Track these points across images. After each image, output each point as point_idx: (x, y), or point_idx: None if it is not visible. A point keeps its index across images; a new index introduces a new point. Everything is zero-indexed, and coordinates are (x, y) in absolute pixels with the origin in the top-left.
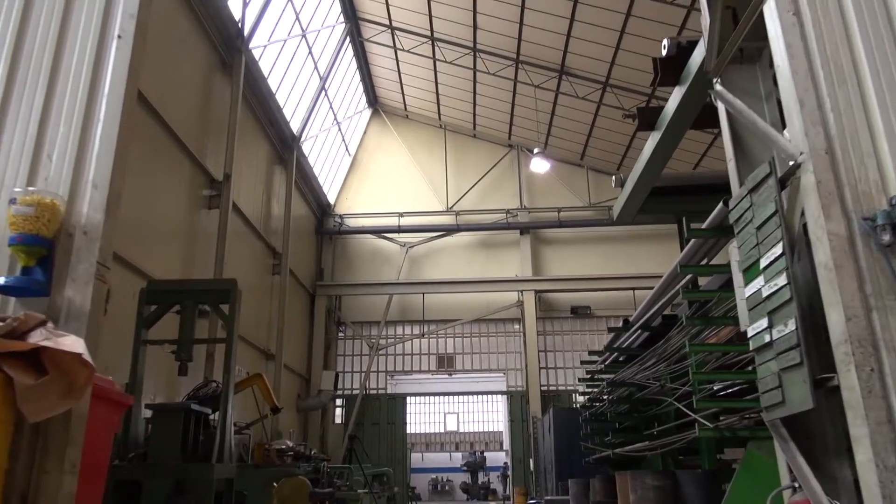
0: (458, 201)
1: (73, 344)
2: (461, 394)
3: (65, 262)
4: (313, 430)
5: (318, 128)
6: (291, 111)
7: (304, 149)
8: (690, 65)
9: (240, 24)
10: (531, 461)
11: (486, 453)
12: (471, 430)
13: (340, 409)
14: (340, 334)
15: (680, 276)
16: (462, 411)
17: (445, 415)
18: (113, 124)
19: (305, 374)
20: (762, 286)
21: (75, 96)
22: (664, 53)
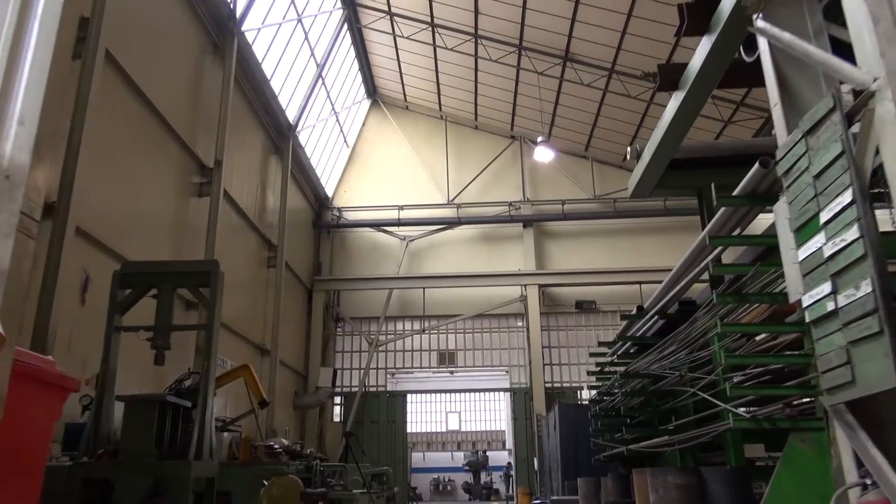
0: (459, 194)
1: None
2: (463, 391)
3: None
4: (311, 428)
5: (315, 118)
6: (287, 99)
7: (301, 139)
8: (723, 7)
9: (231, 5)
10: (535, 460)
11: (488, 452)
12: (473, 428)
13: (339, 407)
14: (339, 330)
15: (707, 250)
16: (464, 409)
17: (447, 413)
18: (46, 49)
19: (303, 370)
20: (823, 244)
21: (3, 18)
22: None
